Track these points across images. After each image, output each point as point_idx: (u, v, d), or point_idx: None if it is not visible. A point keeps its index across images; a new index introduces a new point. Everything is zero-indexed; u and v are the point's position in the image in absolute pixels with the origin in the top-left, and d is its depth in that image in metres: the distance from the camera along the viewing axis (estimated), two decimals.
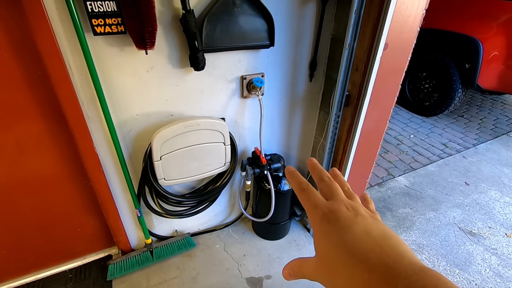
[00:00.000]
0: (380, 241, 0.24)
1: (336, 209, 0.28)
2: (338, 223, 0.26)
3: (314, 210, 0.29)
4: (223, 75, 1.28)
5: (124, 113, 1.19)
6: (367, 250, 0.24)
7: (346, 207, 0.28)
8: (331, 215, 0.27)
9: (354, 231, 0.25)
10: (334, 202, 0.29)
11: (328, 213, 0.27)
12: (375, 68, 1.19)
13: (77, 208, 1.42)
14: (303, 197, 0.31)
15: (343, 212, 0.27)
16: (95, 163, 1.23)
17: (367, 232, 0.25)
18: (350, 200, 0.29)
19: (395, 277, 0.21)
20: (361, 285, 0.23)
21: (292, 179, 0.34)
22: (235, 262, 1.61)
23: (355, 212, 0.27)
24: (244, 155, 1.58)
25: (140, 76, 1.13)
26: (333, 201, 0.29)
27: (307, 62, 1.42)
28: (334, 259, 0.25)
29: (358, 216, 0.27)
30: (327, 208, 0.28)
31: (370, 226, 0.26)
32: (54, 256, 1.52)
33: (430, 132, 3.09)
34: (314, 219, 0.28)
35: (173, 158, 1.23)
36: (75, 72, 1.03)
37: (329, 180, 0.32)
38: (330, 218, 0.27)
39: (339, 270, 0.25)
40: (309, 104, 1.58)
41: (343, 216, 0.27)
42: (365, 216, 0.27)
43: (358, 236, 0.25)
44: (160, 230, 1.64)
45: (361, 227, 0.26)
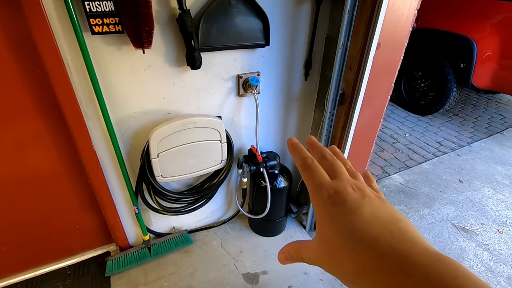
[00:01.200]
0: (389, 225, 0.23)
1: (342, 189, 0.26)
2: (344, 205, 0.24)
3: (318, 191, 0.26)
4: (220, 73, 1.30)
5: (122, 111, 1.20)
6: (377, 235, 0.22)
7: (352, 188, 0.26)
8: (336, 196, 0.25)
9: (361, 214, 0.23)
10: (339, 182, 0.27)
11: (333, 194, 0.25)
12: (368, 67, 1.21)
13: (76, 205, 1.44)
14: (306, 175, 0.28)
15: (350, 194, 0.25)
16: (93, 161, 1.25)
17: (376, 215, 0.23)
18: (355, 180, 0.27)
19: (410, 266, 0.20)
20: (371, 272, 0.21)
21: (295, 152, 0.31)
22: (232, 258, 1.63)
23: (361, 193, 0.25)
24: (240, 153, 1.61)
25: (137, 74, 1.15)
26: (338, 181, 0.27)
27: (302, 61, 1.44)
28: (340, 244, 0.23)
29: (365, 198, 0.25)
30: (332, 188, 0.26)
31: (378, 208, 0.24)
32: (53, 253, 1.53)
33: (425, 131, 3.13)
34: (317, 200, 0.26)
35: (170, 155, 1.25)
36: (74, 71, 1.05)
37: (331, 158, 0.30)
38: (335, 199, 0.25)
39: (346, 256, 0.23)
40: (305, 103, 1.60)
41: (350, 198, 0.25)
42: (372, 197, 0.25)
43: (366, 220, 0.23)
44: (157, 227, 1.66)
45: (368, 209, 0.24)
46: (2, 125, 1.12)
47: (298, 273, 1.56)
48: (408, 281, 0.19)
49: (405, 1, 1.13)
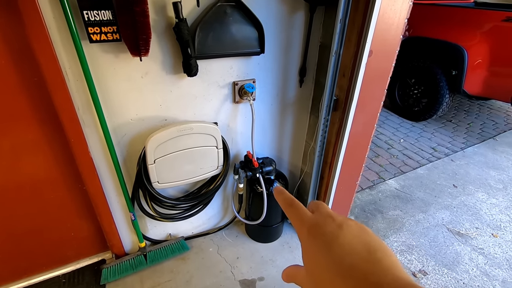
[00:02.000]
0: (366, 256, 0.23)
1: (321, 222, 0.27)
2: (323, 237, 0.25)
3: (300, 226, 0.28)
4: (216, 81, 1.32)
5: (118, 118, 1.22)
6: (352, 266, 0.23)
7: (331, 218, 0.27)
8: (315, 229, 0.27)
9: (339, 245, 0.24)
10: (319, 215, 0.28)
11: (312, 228, 0.27)
12: (360, 73, 1.24)
13: (71, 212, 1.44)
14: (290, 213, 0.30)
15: (328, 225, 0.26)
16: (90, 167, 1.26)
17: (353, 246, 0.24)
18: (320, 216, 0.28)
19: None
20: None
21: (279, 196, 0.33)
22: (229, 265, 1.63)
23: (339, 223, 0.26)
24: (236, 159, 1.62)
25: (134, 81, 1.17)
26: (318, 214, 0.28)
27: (297, 68, 1.47)
28: (321, 275, 0.25)
29: (343, 226, 0.26)
30: (312, 222, 0.27)
31: (356, 238, 0.25)
32: (47, 261, 1.52)
33: (419, 137, 3.17)
34: (300, 234, 0.28)
35: (166, 161, 1.26)
36: (71, 78, 1.07)
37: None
38: (315, 233, 0.26)
39: (327, 286, 0.24)
40: (300, 109, 1.63)
41: (328, 230, 0.26)
42: (351, 225, 0.26)
43: (344, 251, 0.24)
44: (154, 234, 1.65)
45: (346, 240, 0.25)
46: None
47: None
48: None
49: (395, 10, 1.17)
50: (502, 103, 3.98)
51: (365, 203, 2.20)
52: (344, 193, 1.69)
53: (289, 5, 1.27)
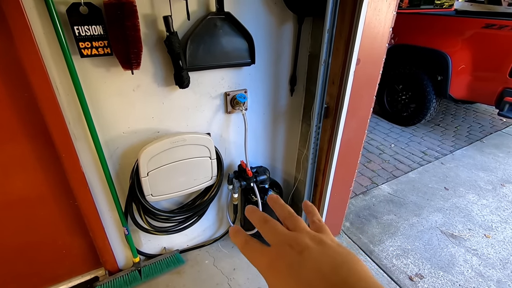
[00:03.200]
0: (331, 277, 0.24)
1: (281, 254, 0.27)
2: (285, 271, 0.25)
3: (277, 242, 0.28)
4: (207, 92, 1.33)
5: (111, 131, 1.21)
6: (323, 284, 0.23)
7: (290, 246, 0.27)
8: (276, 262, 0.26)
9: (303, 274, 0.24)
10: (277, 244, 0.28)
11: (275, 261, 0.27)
12: (349, 81, 1.27)
13: (62, 229, 1.40)
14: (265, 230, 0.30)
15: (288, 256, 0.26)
16: (82, 182, 1.24)
17: (317, 270, 0.24)
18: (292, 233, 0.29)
19: None
20: None
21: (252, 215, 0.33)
22: (225, 277, 1.60)
23: (299, 248, 0.26)
24: (230, 169, 1.62)
25: (126, 95, 1.17)
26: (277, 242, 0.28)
27: (287, 78, 1.50)
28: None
29: (304, 252, 0.26)
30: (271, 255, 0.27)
31: (319, 259, 0.25)
32: (38, 281, 1.47)
33: (409, 141, 3.23)
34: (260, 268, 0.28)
35: (160, 173, 1.25)
36: (62, 93, 1.06)
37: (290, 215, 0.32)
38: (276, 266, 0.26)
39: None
40: (292, 117, 1.64)
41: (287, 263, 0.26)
42: (311, 248, 0.26)
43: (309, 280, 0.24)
44: (148, 248, 1.62)
45: (310, 265, 0.25)
46: None
47: None
48: None
49: (380, 20, 1.21)
50: (487, 106, 4.10)
51: (359, 208, 2.22)
52: (338, 199, 1.70)
53: (278, 17, 1.30)
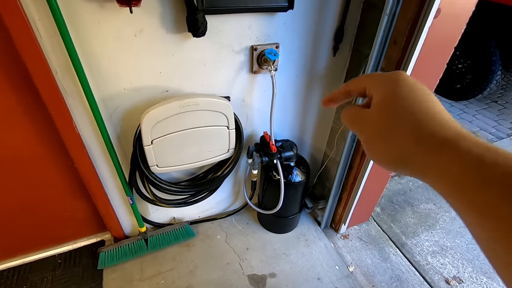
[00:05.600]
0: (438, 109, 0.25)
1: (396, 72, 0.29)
2: (416, 85, 0.27)
3: (382, 79, 0.29)
4: (229, 44, 1.05)
5: (109, 86, 0.99)
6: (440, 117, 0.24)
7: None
8: (394, 76, 0.28)
9: (425, 94, 0.27)
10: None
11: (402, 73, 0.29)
12: (420, 41, 0.94)
13: (63, 192, 1.28)
14: (360, 81, 0.31)
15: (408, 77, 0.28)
16: (78, 144, 1.06)
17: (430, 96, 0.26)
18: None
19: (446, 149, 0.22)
20: (429, 143, 0.23)
21: (336, 98, 0.34)
22: (237, 256, 1.47)
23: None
24: (251, 140, 1.39)
25: (126, 41, 0.92)
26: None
27: (332, 32, 1.17)
28: (405, 114, 0.25)
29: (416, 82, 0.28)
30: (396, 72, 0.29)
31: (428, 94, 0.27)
32: (42, 240, 1.40)
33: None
34: (386, 84, 0.28)
35: (166, 142, 1.04)
36: (43, 34, 0.83)
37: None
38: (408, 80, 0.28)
39: (406, 124, 0.25)
40: (330, 83, 1.34)
41: (411, 80, 0.28)
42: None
43: (429, 101, 0.26)
44: (156, 217, 1.49)
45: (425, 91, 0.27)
46: None
47: (310, 279, 1.38)
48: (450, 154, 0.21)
49: None
50: None
51: (393, 193, 1.96)
52: (374, 185, 1.45)
53: None
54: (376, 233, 1.68)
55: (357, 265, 1.50)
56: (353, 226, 1.69)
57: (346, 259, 1.52)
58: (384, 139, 0.26)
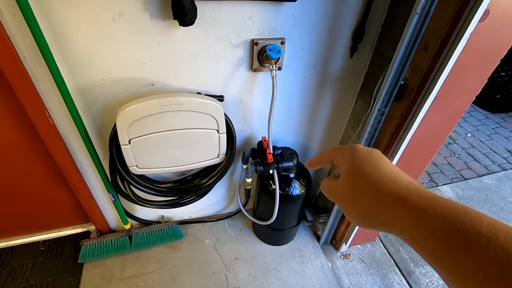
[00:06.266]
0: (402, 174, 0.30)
1: (366, 148, 0.32)
2: (372, 155, 0.31)
3: (345, 154, 0.33)
4: (226, 35, 0.90)
5: (85, 75, 0.88)
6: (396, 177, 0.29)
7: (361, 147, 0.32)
8: (365, 149, 0.32)
9: (384, 162, 0.31)
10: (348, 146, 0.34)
11: (364, 149, 0.32)
12: (458, 48, 0.75)
13: (45, 180, 1.21)
14: (329, 153, 0.35)
15: (374, 150, 0.32)
16: (53, 136, 0.97)
17: (392, 165, 0.31)
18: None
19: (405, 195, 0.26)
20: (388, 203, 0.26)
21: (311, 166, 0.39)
22: (224, 266, 1.36)
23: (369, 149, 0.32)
24: (248, 144, 1.25)
25: (103, 25, 0.79)
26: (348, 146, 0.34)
27: (350, 29, 0.99)
28: (366, 184, 0.29)
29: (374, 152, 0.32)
30: (360, 146, 0.33)
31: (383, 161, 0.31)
32: (26, 225, 1.36)
33: (493, 133, 2.51)
34: (346, 158, 0.32)
35: (146, 143, 0.93)
36: (5, 11, 0.72)
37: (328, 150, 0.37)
38: (367, 151, 0.32)
39: (368, 192, 0.29)
40: (344, 88, 1.17)
41: (375, 151, 0.32)
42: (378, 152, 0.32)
43: (387, 166, 0.30)
44: (142, 214, 1.41)
45: (387, 162, 0.31)
46: None
47: None
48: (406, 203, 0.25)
49: None
50: None
51: None
52: None
53: None
54: (381, 256, 1.51)
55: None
56: (355, 245, 1.54)
57: (343, 282, 1.38)
58: (352, 204, 0.30)
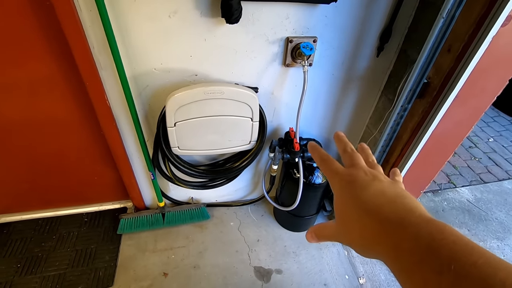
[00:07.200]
0: (394, 199, 0.25)
1: (354, 173, 0.29)
2: (355, 183, 0.28)
3: (334, 176, 0.30)
4: (264, 33, 1.00)
5: (140, 64, 1.00)
6: (380, 205, 0.25)
7: (364, 172, 0.29)
8: (349, 177, 0.29)
9: (369, 190, 0.27)
10: (353, 168, 0.30)
11: (346, 176, 0.29)
12: (480, 50, 0.81)
13: (93, 158, 1.36)
14: (324, 167, 0.32)
15: (360, 176, 0.28)
16: (108, 117, 1.11)
17: (382, 192, 0.26)
18: (370, 168, 0.30)
19: (406, 225, 0.22)
20: (372, 234, 0.24)
21: (314, 151, 0.35)
22: (247, 246, 1.48)
23: (372, 176, 0.28)
24: (275, 134, 1.35)
25: (160, 21, 0.91)
26: (353, 168, 0.30)
27: (378, 30, 1.07)
28: (351, 216, 0.27)
29: (375, 180, 0.28)
30: (346, 173, 0.30)
31: (386, 188, 0.27)
32: (72, 198, 1.53)
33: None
34: (334, 184, 0.30)
35: (189, 126, 1.05)
36: (83, 7, 0.85)
37: (351, 151, 0.33)
38: (348, 180, 0.29)
39: (355, 224, 0.26)
40: (369, 85, 1.24)
41: (360, 179, 0.28)
42: (383, 180, 0.28)
43: (373, 195, 0.26)
44: (175, 194, 1.54)
45: (377, 188, 0.27)
46: (16, 64, 1.00)
47: (317, 283, 1.35)
48: (404, 232, 0.22)
49: None
50: None
51: None
52: None
53: None
54: None
55: (369, 278, 1.43)
56: None
57: (358, 270, 1.46)
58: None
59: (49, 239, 1.43)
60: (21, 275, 1.29)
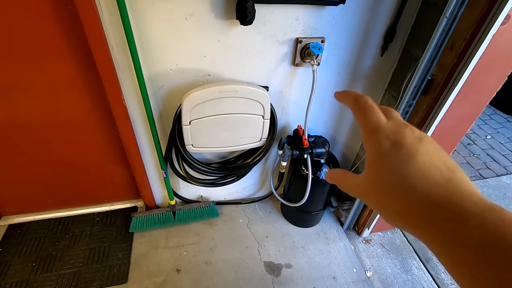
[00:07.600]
0: (445, 175, 0.21)
1: (399, 131, 0.24)
2: (401, 147, 0.23)
3: (375, 131, 0.24)
4: (275, 34, 1.05)
5: (156, 65, 1.05)
6: (431, 185, 0.21)
7: (411, 130, 0.24)
8: (394, 137, 0.23)
9: (417, 160, 0.22)
10: (395, 124, 0.24)
11: (391, 136, 0.23)
12: (481, 48, 0.87)
13: (106, 157, 1.39)
14: (362, 114, 0.26)
15: (407, 136, 0.23)
16: (124, 116, 1.15)
17: (431, 163, 0.22)
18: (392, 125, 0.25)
19: (465, 215, 0.19)
20: (414, 218, 0.21)
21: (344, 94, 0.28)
22: (256, 242, 1.51)
23: (419, 135, 0.23)
24: (284, 132, 1.39)
25: (177, 23, 0.96)
26: (394, 122, 0.25)
27: (382, 30, 1.12)
28: (390, 186, 0.22)
29: (423, 140, 0.23)
30: (391, 130, 0.24)
31: (434, 154, 0.22)
32: (84, 198, 1.55)
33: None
34: (372, 141, 0.24)
35: (203, 124, 1.09)
36: (105, 11, 0.89)
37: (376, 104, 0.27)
38: (394, 140, 0.23)
39: (392, 197, 0.22)
40: (374, 83, 1.29)
41: (408, 141, 0.23)
42: (430, 141, 0.23)
43: (423, 167, 0.22)
44: (185, 193, 1.58)
45: (425, 155, 0.22)
46: (37, 65, 1.04)
47: (325, 276, 1.39)
48: (465, 227, 0.19)
49: None
50: None
51: None
52: None
53: None
54: (400, 243, 1.62)
55: (376, 271, 1.47)
56: (376, 232, 1.65)
57: (365, 263, 1.50)
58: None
59: (63, 239, 1.45)
60: (37, 273, 1.31)
